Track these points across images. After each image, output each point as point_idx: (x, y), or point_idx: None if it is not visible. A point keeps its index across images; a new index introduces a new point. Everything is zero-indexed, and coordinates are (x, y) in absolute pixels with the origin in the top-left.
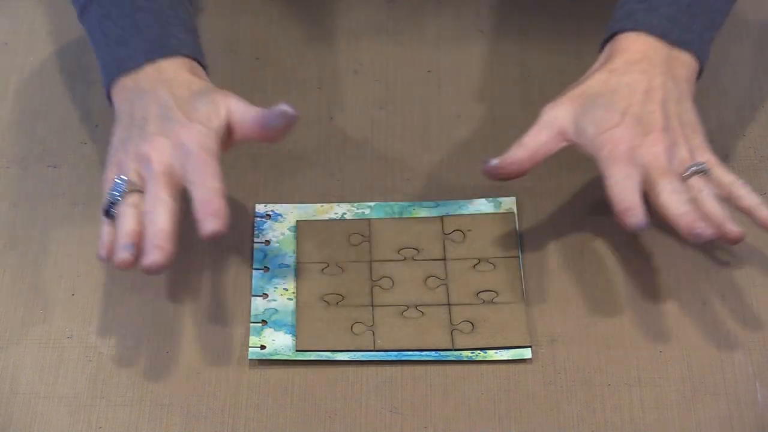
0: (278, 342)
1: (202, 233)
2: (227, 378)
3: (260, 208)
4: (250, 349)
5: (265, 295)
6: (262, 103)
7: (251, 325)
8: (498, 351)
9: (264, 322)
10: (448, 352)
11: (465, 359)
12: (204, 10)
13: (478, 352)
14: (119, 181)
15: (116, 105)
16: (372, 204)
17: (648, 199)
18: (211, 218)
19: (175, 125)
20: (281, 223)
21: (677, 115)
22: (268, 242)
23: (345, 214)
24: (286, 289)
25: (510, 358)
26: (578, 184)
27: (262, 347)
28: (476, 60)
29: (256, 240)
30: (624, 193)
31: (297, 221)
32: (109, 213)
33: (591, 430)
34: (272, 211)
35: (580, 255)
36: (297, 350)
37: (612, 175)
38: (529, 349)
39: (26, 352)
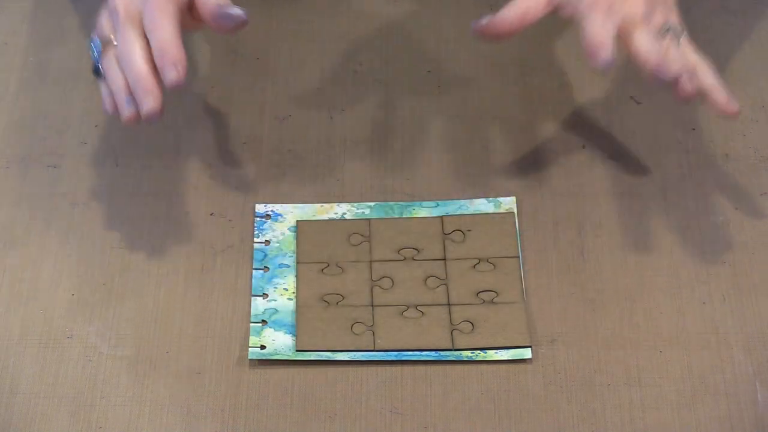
0: (278, 342)
1: (164, 83)
2: (227, 378)
3: (260, 208)
4: (250, 349)
5: (265, 295)
6: (262, 104)
7: (251, 325)
8: (498, 351)
9: (264, 322)
10: (448, 352)
11: (465, 359)
12: None
13: (478, 352)
14: (93, 41)
15: None
16: (372, 204)
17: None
18: (169, 68)
19: None
20: (281, 223)
21: None
22: (268, 242)
23: (345, 214)
24: (286, 289)
25: (510, 358)
26: (578, 184)
27: (262, 347)
28: (476, 60)
29: (256, 240)
30: (598, 32)
31: (297, 221)
32: (98, 73)
33: (591, 430)
34: (272, 211)
35: (580, 255)
36: (297, 350)
37: (589, 22)
38: (529, 349)
39: (26, 352)
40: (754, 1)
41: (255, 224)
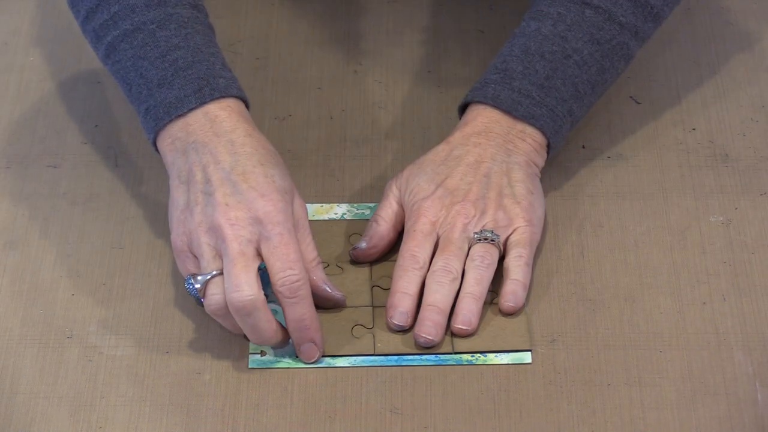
0: None
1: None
2: (227, 378)
3: None
4: (250, 356)
5: (265, 296)
6: (261, 104)
7: None
8: (498, 354)
9: None
10: (448, 356)
11: (465, 363)
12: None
13: (478, 355)
14: (196, 279)
15: (167, 157)
16: (372, 204)
17: None
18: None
19: (247, 195)
20: None
21: (499, 187)
22: None
23: (345, 214)
24: None
25: (510, 362)
26: (577, 185)
27: (262, 353)
28: (476, 60)
29: None
30: (399, 283)
31: None
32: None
33: (591, 430)
34: None
35: (580, 255)
36: (296, 356)
37: (401, 255)
38: (529, 353)
39: (26, 352)
40: (754, 1)
41: None
